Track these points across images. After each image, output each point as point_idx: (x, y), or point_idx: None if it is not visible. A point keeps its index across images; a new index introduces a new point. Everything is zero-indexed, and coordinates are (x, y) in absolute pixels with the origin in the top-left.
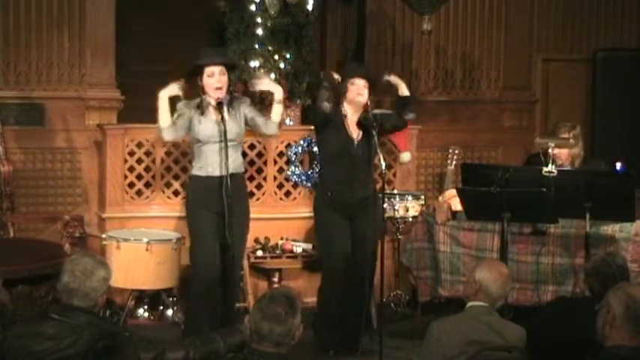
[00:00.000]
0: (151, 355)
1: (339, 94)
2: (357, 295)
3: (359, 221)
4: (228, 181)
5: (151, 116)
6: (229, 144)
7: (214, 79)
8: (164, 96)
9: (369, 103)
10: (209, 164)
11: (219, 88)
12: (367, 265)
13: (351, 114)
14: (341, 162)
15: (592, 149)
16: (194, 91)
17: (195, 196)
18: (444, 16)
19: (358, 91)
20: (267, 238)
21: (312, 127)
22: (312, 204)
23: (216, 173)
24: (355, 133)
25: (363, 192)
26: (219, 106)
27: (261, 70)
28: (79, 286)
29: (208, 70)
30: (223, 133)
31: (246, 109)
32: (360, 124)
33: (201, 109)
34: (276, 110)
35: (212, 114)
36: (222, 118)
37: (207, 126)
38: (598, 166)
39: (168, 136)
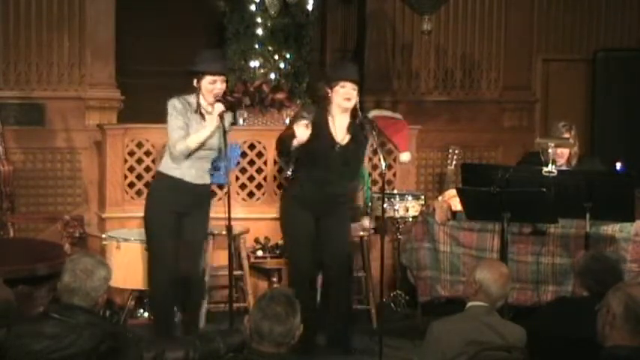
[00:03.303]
0: (150, 355)
1: (325, 96)
2: (333, 296)
3: (327, 221)
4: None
5: (151, 116)
6: (208, 152)
7: (215, 86)
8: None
9: (357, 105)
10: (191, 168)
11: (218, 94)
12: (339, 265)
13: (338, 116)
14: (317, 164)
15: (592, 149)
16: (189, 88)
17: (160, 194)
18: (444, 16)
19: (346, 95)
20: (267, 238)
21: None
22: (280, 203)
23: (189, 179)
24: (341, 137)
25: (332, 190)
26: (218, 102)
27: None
28: (79, 285)
29: (210, 77)
30: (222, 140)
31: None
32: (350, 127)
33: (200, 113)
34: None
35: (202, 121)
36: (223, 126)
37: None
38: (593, 164)
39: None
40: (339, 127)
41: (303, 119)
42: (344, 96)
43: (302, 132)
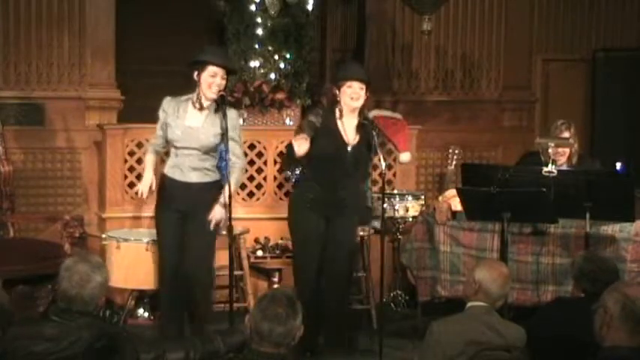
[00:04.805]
0: (151, 356)
1: (333, 98)
2: (334, 296)
3: (336, 222)
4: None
5: (151, 116)
6: (192, 152)
7: (214, 80)
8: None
9: (365, 105)
10: (176, 166)
11: (217, 89)
12: (343, 267)
13: (347, 116)
14: (329, 166)
15: (592, 149)
16: (190, 88)
17: (160, 195)
18: (444, 16)
19: (353, 94)
20: (267, 238)
21: None
22: (289, 202)
23: (178, 177)
24: (351, 137)
25: (343, 191)
26: (221, 99)
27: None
28: (76, 293)
29: (211, 69)
30: (225, 134)
31: (229, 123)
32: (359, 127)
33: (199, 103)
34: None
35: (191, 116)
36: (226, 125)
37: (175, 129)
38: (593, 166)
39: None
40: (349, 128)
41: (302, 132)
42: (351, 95)
43: (300, 146)
